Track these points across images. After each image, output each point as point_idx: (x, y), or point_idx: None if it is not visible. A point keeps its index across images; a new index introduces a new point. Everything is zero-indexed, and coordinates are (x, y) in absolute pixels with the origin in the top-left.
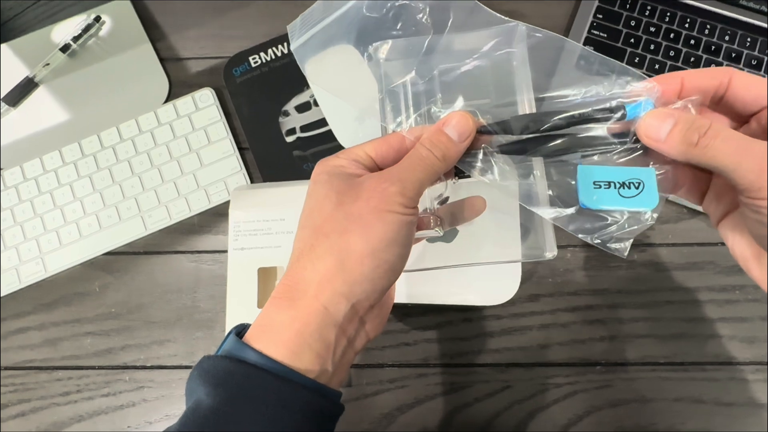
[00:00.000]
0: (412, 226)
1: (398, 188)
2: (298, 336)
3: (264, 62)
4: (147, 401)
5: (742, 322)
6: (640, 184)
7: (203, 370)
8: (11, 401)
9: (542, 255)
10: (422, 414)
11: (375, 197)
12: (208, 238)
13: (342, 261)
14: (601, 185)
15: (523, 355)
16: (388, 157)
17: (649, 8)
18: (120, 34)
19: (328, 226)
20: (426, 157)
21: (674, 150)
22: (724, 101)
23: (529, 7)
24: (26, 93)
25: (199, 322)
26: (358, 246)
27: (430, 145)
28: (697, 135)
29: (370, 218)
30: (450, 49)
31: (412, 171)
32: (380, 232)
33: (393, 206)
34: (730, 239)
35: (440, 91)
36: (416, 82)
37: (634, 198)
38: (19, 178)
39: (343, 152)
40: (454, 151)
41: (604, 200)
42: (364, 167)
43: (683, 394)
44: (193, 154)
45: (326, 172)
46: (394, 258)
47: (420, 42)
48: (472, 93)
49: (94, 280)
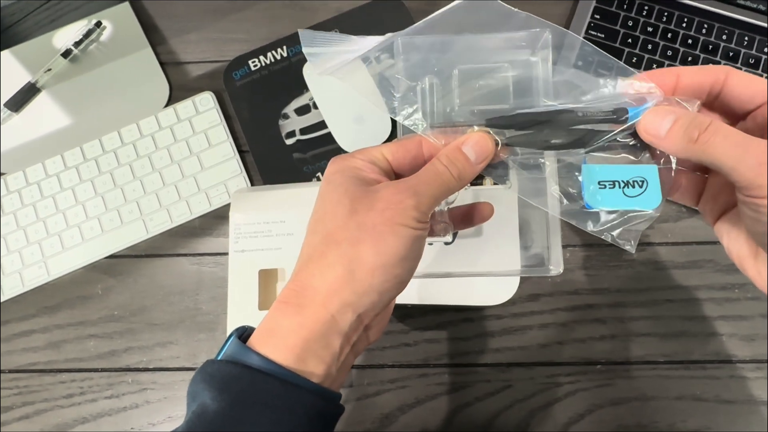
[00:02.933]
0: (423, 240)
1: (414, 202)
2: (304, 343)
3: (264, 65)
4: (150, 403)
5: (742, 320)
6: (644, 182)
7: (207, 374)
8: (15, 404)
9: (547, 270)
10: (423, 414)
11: (390, 209)
12: (209, 241)
13: (352, 271)
14: (606, 185)
15: (524, 355)
16: (404, 163)
17: (647, 8)
18: (121, 39)
19: (341, 234)
20: (442, 173)
21: (674, 146)
22: (720, 99)
23: (527, 8)
24: (28, 98)
25: (201, 324)
26: (370, 258)
27: (447, 162)
28: (697, 131)
29: (384, 230)
30: (471, 50)
31: (427, 186)
32: (393, 246)
33: (407, 220)
34: (726, 239)
35: (458, 93)
36: (434, 81)
37: (637, 197)
38: (21, 183)
39: (360, 152)
40: (470, 171)
41: (609, 201)
42: (380, 170)
43: (684, 392)
44: (194, 158)
45: (341, 173)
46: (404, 272)
47: (441, 41)
48: (490, 97)
49: (97, 283)
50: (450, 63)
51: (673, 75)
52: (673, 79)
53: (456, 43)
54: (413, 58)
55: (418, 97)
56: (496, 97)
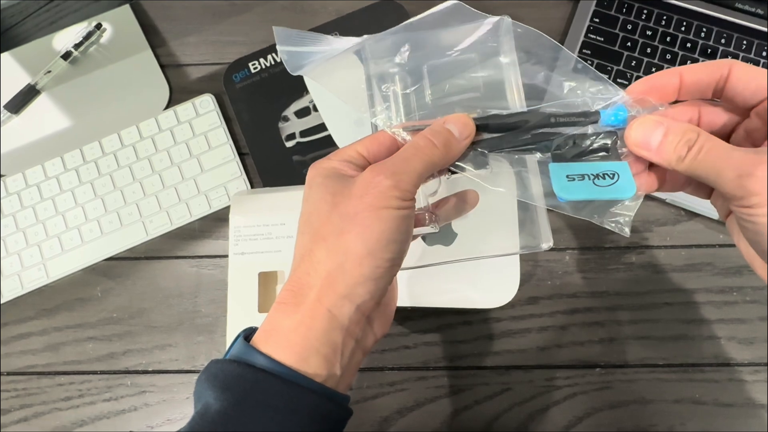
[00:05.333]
0: (411, 219)
1: (392, 181)
2: (304, 340)
3: (263, 68)
4: (149, 405)
5: (740, 324)
6: (615, 175)
7: (211, 374)
8: (13, 406)
9: (539, 246)
10: (422, 417)
11: (369, 193)
12: (208, 243)
13: (341, 264)
14: (575, 178)
15: (523, 358)
16: (380, 155)
17: (646, 12)
18: (121, 41)
19: (326, 229)
20: (424, 147)
21: (664, 161)
22: (724, 95)
23: (526, 11)
24: (28, 100)
25: (200, 326)
26: (357, 247)
27: (431, 134)
28: (686, 149)
29: (366, 216)
30: (438, 45)
31: (407, 162)
32: (377, 231)
33: (388, 201)
34: (736, 236)
35: (430, 86)
36: (405, 78)
37: (610, 187)
38: (21, 185)
39: (335, 154)
40: (455, 144)
41: (580, 191)
42: (357, 167)
43: (683, 395)
44: (194, 160)
45: (320, 175)
46: (393, 255)
47: (408, 38)
48: (461, 87)
49: (96, 286)
50: (419, 58)
51: (675, 75)
52: (676, 80)
53: (423, 40)
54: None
55: (390, 93)
56: (467, 86)
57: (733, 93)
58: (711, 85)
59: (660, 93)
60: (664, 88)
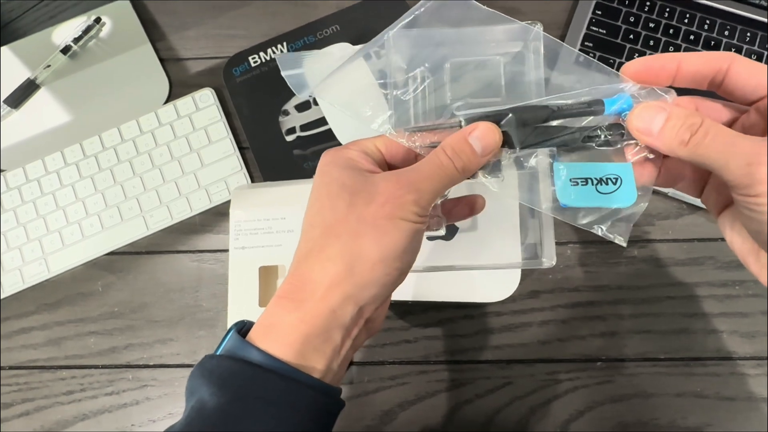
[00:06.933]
0: (422, 233)
1: (414, 197)
2: (304, 338)
3: (264, 62)
4: (150, 399)
5: (742, 317)
6: (618, 180)
7: (206, 369)
8: (15, 400)
9: (540, 263)
10: (423, 411)
11: (390, 204)
12: (209, 238)
13: (352, 265)
14: (579, 182)
15: (524, 352)
16: (397, 155)
17: (648, 4)
18: (120, 35)
19: (341, 227)
20: (446, 167)
21: (666, 147)
22: (722, 88)
23: (528, 4)
24: (27, 95)
25: (201, 321)
26: (371, 252)
27: (452, 153)
28: (689, 134)
29: (384, 224)
30: (463, 43)
31: (429, 180)
32: (393, 240)
33: (407, 215)
34: (728, 233)
35: (450, 86)
36: (426, 75)
37: (611, 194)
38: (21, 180)
39: (353, 144)
40: (474, 163)
41: (582, 198)
42: (374, 161)
43: (684, 389)
44: (194, 154)
45: (335, 164)
46: (403, 265)
47: (432, 34)
48: (482, 90)
49: (97, 280)
50: (441, 55)
51: (674, 61)
52: (673, 66)
53: (448, 37)
54: (405, 52)
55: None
56: (489, 90)
57: (733, 88)
58: (708, 77)
59: (655, 75)
60: (660, 71)
